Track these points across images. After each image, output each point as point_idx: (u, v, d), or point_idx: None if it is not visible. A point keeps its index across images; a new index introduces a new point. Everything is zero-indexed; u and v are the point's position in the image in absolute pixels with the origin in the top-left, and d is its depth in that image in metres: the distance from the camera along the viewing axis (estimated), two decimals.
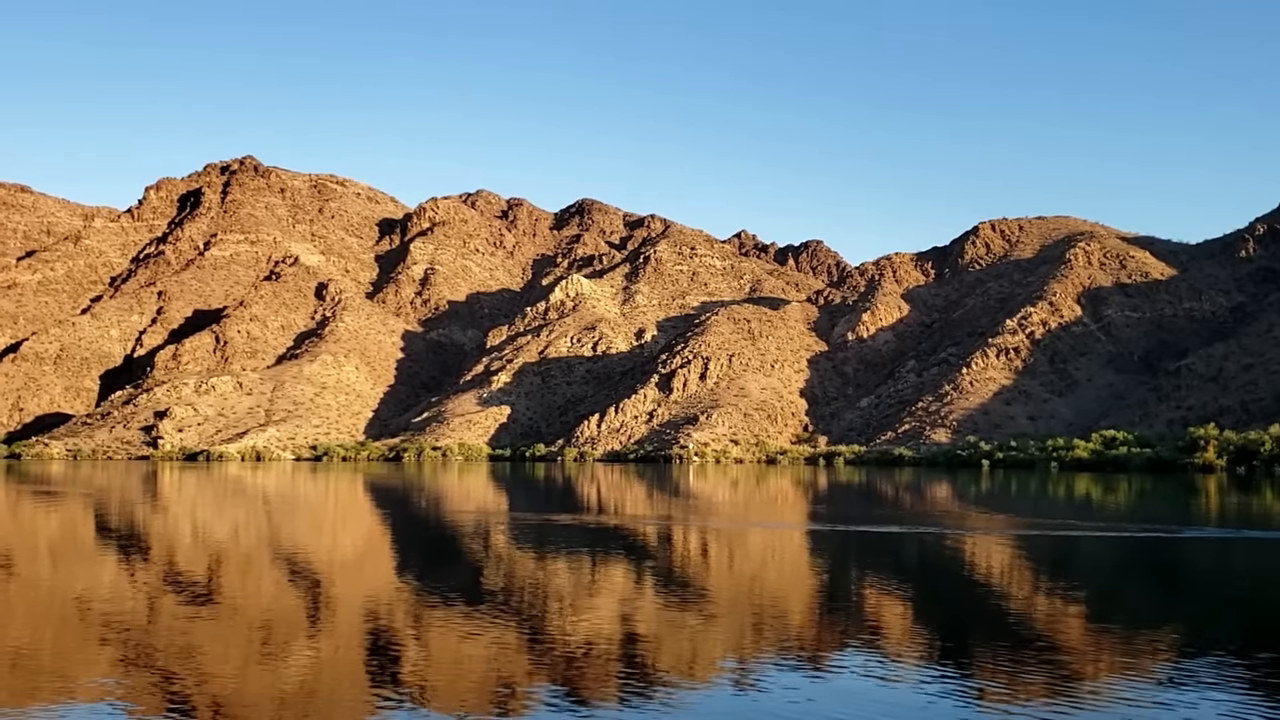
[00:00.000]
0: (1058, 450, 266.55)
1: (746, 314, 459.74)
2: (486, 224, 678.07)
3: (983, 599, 37.94)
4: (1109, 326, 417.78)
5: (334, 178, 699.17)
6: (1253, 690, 23.15)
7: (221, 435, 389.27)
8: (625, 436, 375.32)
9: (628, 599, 36.50)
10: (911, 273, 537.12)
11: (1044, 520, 77.23)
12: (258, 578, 42.32)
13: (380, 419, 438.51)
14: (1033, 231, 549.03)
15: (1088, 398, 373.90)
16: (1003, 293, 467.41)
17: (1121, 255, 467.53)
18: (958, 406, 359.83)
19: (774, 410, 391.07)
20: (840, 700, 22.39)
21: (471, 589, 38.67)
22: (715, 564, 50.33)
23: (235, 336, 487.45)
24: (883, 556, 52.82)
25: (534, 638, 28.73)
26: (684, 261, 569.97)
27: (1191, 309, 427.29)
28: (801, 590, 39.78)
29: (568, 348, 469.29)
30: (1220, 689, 23.14)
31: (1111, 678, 24.41)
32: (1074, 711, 21.38)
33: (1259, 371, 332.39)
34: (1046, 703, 22.00)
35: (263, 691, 22.75)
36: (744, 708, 21.77)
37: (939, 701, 22.31)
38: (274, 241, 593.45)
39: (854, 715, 21.23)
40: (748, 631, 30.21)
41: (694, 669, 25.38)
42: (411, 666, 25.29)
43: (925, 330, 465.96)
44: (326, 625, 31.03)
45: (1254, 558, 53.83)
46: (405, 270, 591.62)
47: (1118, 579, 46.28)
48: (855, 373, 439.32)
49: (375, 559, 53.19)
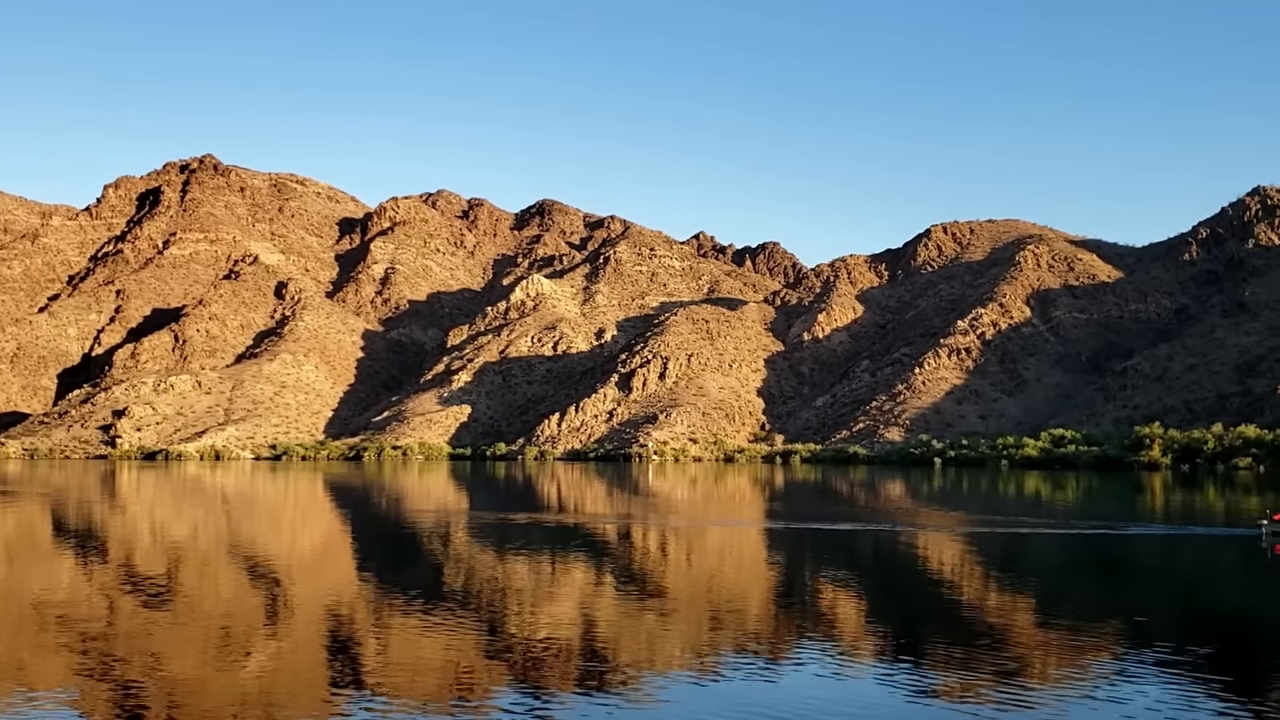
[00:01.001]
0: (1008, 448, 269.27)
1: (705, 314, 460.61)
2: (447, 224, 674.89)
3: (935, 594, 38.27)
4: (1057, 327, 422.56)
5: (294, 177, 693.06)
6: (1194, 682, 23.52)
7: (180, 434, 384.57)
8: (585, 435, 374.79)
9: (587, 596, 36.48)
10: (866, 274, 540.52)
11: (995, 517, 78.02)
12: (216, 577, 41.90)
13: (340, 418, 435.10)
14: (983, 234, 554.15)
15: (1037, 397, 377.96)
16: (954, 294, 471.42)
17: (1069, 258, 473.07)
18: (910, 406, 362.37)
19: (732, 409, 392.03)
20: (797, 694, 22.50)
21: (432, 588, 38.49)
22: (674, 561, 50.41)
23: (194, 335, 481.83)
24: (838, 553, 53.13)
25: (494, 635, 28.65)
26: (643, 262, 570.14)
27: (1137, 311, 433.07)
28: (759, 587, 39.93)
29: (528, 347, 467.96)
30: (1162, 681, 23.49)
31: (1059, 670, 24.72)
32: (1023, 703, 21.63)
33: (1202, 372, 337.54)
34: (997, 694, 22.23)
35: (222, 690, 22.52)
36: (702, 702, 21.83)
37: (893, 694, 22.49)
38: (233, 240, 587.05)
39: (810, 708, 21.35)
40: (705, 627, 30.29)
41: (653, 664, 25.40)
42: (371, 664, 25.13)
43: (879, 331, 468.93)
44: (286, 624, 30.76)
45: (1197, 553, 54.68)
46: (366, 269, 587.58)
47: (1066, 575, 46.84)
48: (811, 372, 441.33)
49: (335, 558, 52.83)
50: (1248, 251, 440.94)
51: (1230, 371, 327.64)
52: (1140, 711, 21.17)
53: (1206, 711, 21.20)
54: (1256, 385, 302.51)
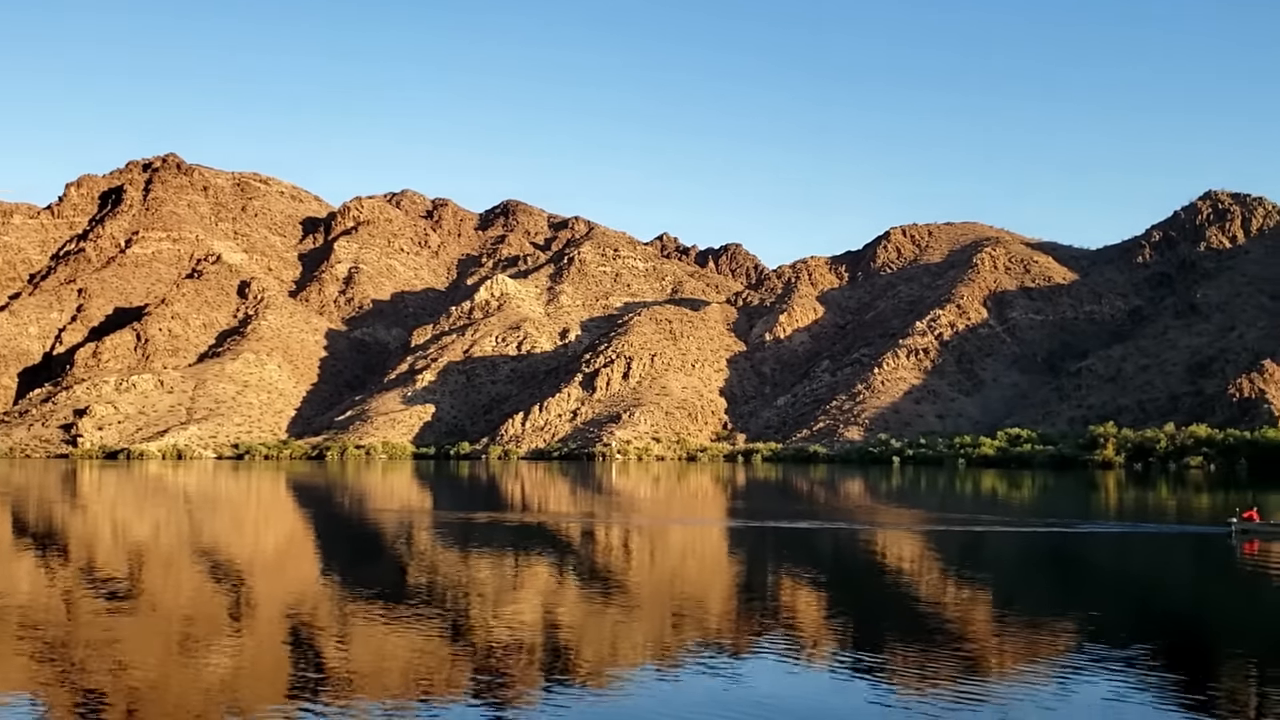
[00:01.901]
0: (965, 447, 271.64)
1: (668, 315, 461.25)
2: (411, 224, 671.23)
3: (894, 591, 38.53)
4: (1013, 328, 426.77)
5: (258, 176, 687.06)
6: (1146, 676, 23.83)
7: (142, 433, 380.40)
8: (549, 435, 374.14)
9: (551, 595, 36.44)
10: (826, 276, 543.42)
11: (952, 515, 78.62)
12: (178, 577, 41.47)
13: (303, 417, 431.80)
14: (941, 237, 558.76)
15: (993, 397, 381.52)
16: (913, 295, 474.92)
17: (1026, 260, 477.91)
18: (870, 405, 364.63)
19: (694, 409, 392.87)
20: (758, 689, 22.58)
21: (395, 586, 38.30)
22: (637, 559, 50.45)
23: (156, 334, 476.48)
24: (798, 551, 53.35)
25: (457, 633, 28.55)
26: (607, 263, 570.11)
27: (1092, 312, 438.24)
28: (720, 584, 40.04)
29: (492, 347, 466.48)
30: (1115, 675, 23.77)
31: (1014, 664, 24.97)
32: (980, 696, 21.82)
33: (1155, 372, 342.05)
34: (954, 688, 22.42)
35: (184, 690, 22.29)
36: (664, 698, 21.86)
37: (853, 688, 22.62)
38: (196, 239, 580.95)
39: (771, 703, 21.43)
40: (668, 625, 30.33)
41: (615, 662, 25.41)
42: (334, 664, 24.97)
43: (839, 331, 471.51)
44: (248, 623, 30.51)
45: (1149, 550, 55.37)
46: (329, 269, 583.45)
47: (1021, 572, 47.31)
48: (772, 372, 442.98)
49: (298, 557, 52.43)
50: (1199, 254, 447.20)
51: (1182, 372, 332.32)
52: (1093, 703, 21.43)
53: (1157, 704, 21.51)
54: (1207, 385, 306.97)
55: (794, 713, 20.94)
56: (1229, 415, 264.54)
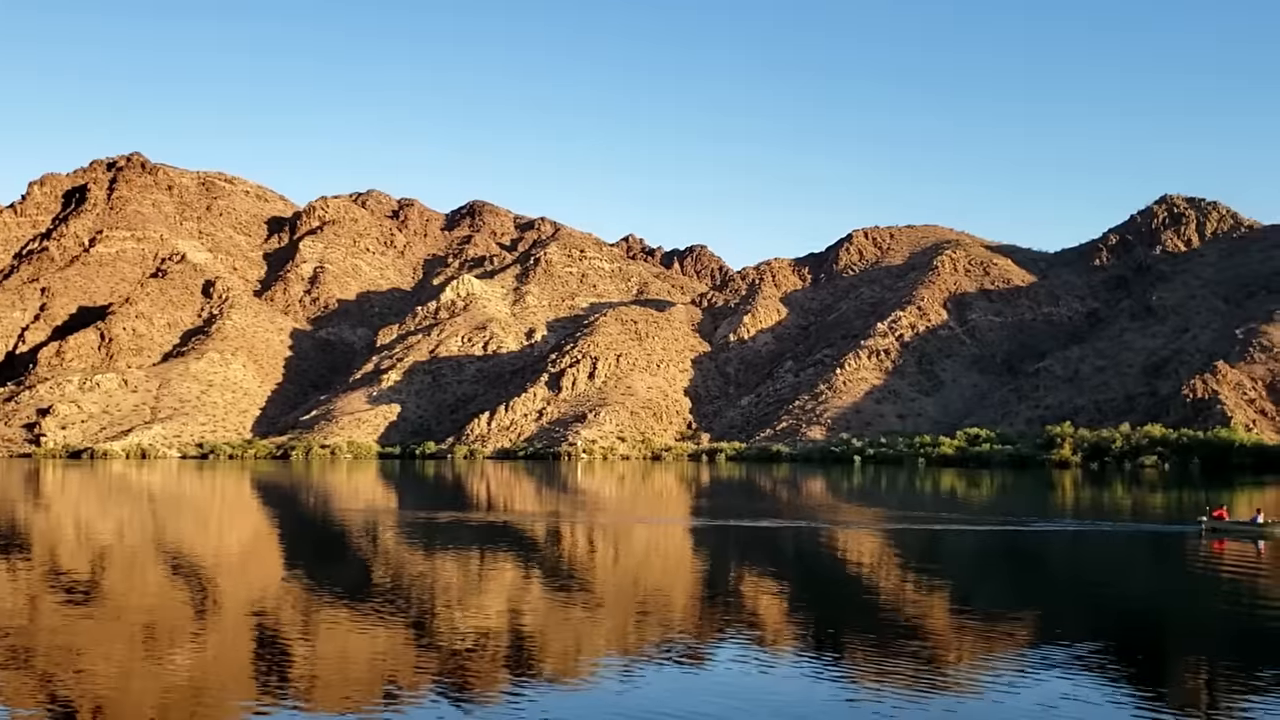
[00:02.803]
0: (925, 447, 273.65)
1: (634, 315, 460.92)
2: (377, 224, 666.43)
3: (855, 589, 38.81)
4: (973, 330, 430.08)
5: (223, 175, 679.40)
6: (1101, 671, 24.17)
7: (106, 433, 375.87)
8: (515, 434, 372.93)
9: (516, 594, 36.42)
10: (790, 277, 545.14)
11: (912, 514, 79.23)
12: (142, 576, 41.09)
13: (268, 417, 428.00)
14: (903, 239, 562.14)
15: (953, 397, 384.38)
16: (874, 297, 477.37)
17: (985, 263, 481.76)
18: (832, 405, 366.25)
19: (659, 408, 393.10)
20: (720, 687, 22.69)
21: (360, 586, 38.15)
22: (601, 558, 50.51)
23: (121, 334, 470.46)
24: (761, 549, 53.59)
25: (422, 633, 28.50)
26: (573, 263, 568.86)
27: (1050, 314, 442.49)
28: (684, 583, 40.17)
29: (458, 347, 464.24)
30: (1070, 670, 24.09)
31: (972, 661, 25.24)
32: (938, 690, 22.05)
33: (1111, 373, 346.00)
34: (913, 685, 22.64)
35: (148, 689, 22.13)
36: (627, 698, 21.92)
37: (815, 683, 22.78)
38: (161, 239, 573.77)
39: (733, 701, 21.55)
40: (632, 623, 30.41)
41: (579, 661, 25.46)
42: (299, 663, 24.86)
43: (802, 332, 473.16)
44: (213, 622, 30.30)
45: (1105, 548, 56.07)
46: (294, 268, 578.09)
47: (980, 569, 47.78)
48: (736, 373, 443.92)
49: (263, 557, 52.07)
50: (1155, 257, 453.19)
51: (1138, 373, 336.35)
52: (1049, 696, 21.71)
53: (1109, 696, 21.83)
54: (1162, 386, 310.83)
55: (756, 707, 21.07)
56: (1183, 416, 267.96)
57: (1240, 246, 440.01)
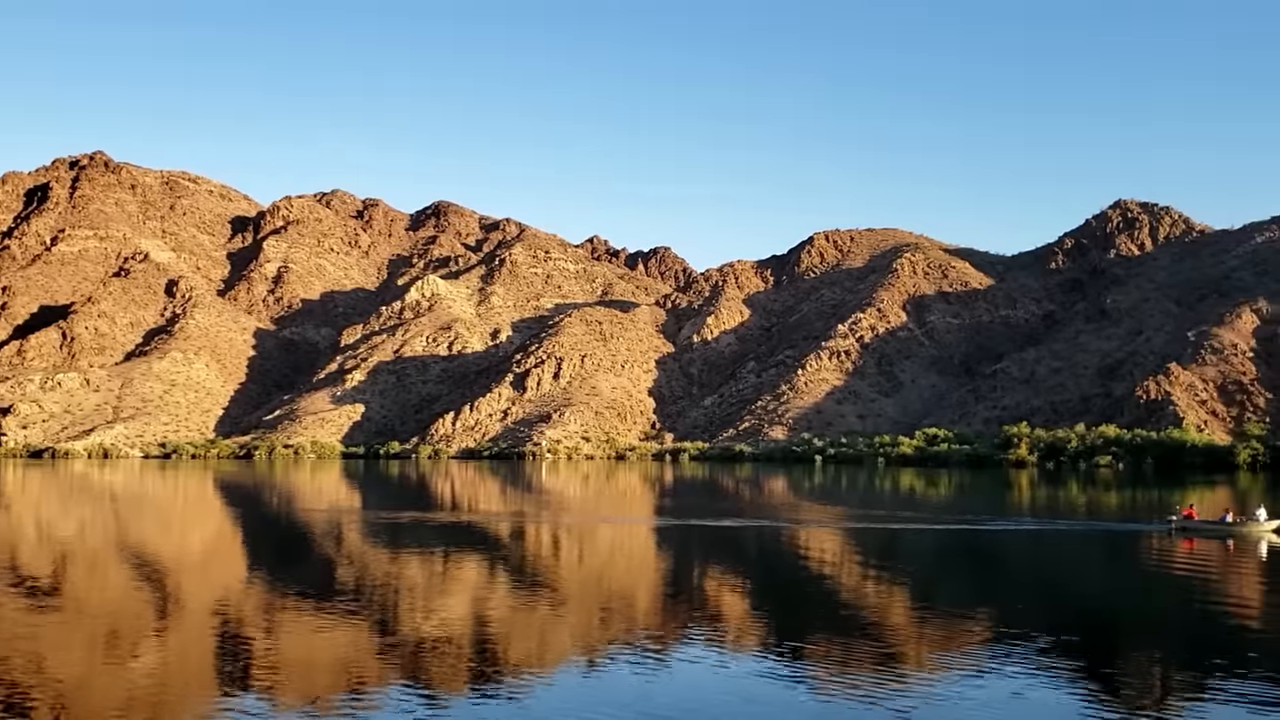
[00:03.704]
0: (884, 447, 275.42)
1: (598, 316, 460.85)
2: (342, 224, 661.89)
3: (817, 588, 38.97)
4: (932, 332, 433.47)
5: (186, 175, 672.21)
6: (1057, 667, 24.41)
7: (68, 432, 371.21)
8: (480, 434, 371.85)
9: (480, 593, 36.29)
10: (752, 279, 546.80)
11: (872, 513, 79.71)
12: (104, 576, 40.58)
13: (231, 416, 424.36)
14: (863, 242, 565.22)
15: (912, 398, 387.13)
16: (835, 299, 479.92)
17: (944, 266, 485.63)
18: (793, 405, 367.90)
19: (624, 408, 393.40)
20: (683, 684, 22.71)
21: (323, 586, 37.86)
22: (566, 558, 50.44)
23: (83, 333, 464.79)
24: (724, 549, 53.69)
25: (386, 632, 28.33)
26: (538, 264, 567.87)
27: (1007, 316, 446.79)
28: (647, 582, 40.19)
29: (423, 347, 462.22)
30: (1028, 666, 24.31)
31: (932, 657, 25.42)
32: (898, 687, 22.19)
33: (1066, 374, 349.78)
34: (874, 680, 22.76)
35: (109, 690, 21.84)
36: (590, 695, 21.90)
37: (777, 681, 22.85)
38: (124, 238, 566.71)
39: (696, 698, 21.58)
40: (595, 622, 30.38)
41: (543, 659, 25.41)
42: (262, 663, 24.64)
43: (764, 334, 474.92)
44: (175, 622, 29.97)
45: (1060, 546, 56.65)
46: (258, 268, 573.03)
47: (938, 567, 48.13)
48: (700, 373, 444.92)
49: (225, 557, 51.58)
50: (1109, 261, 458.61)
51: (1092, 374, 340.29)
52: (1006, 691, 21.89)
53: (1065, 690, 22.06)
54: (1116, 387, 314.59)
55: (719, 704, 21.11)
56: (1137, 416, 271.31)
57: (1192, 250, 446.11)
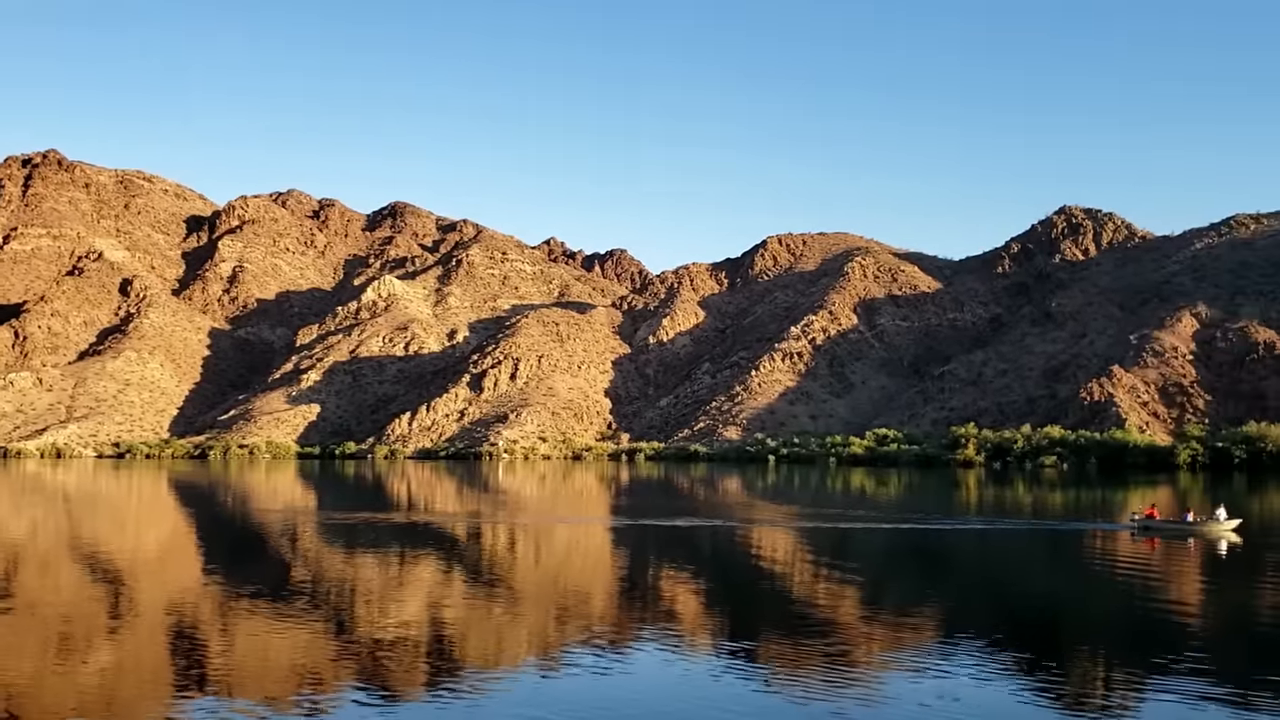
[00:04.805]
0: (836, 447, 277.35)
1: (555, 317, 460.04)
2: (298, 224, 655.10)
3: (769, 586, 39.15)
4: (882, 334, 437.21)
5: (141, 174, 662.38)
6: (1002, 662, 24.71)
7: (20, 432, 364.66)
8: (436, 434, 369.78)
9: (436, 593, 36.10)
10: (707, 282, 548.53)
11: (824, 512, 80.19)
12: (56, 577, 39.89)
13: (186, 416, 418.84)
14: (815, 246, 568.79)
15: (862, 399, 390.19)
16: (788, 302, 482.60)
17: (893, 269, 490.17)
18: (747, 406, 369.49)
19: (580, 409, 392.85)
20: (638, 682, 22.74)
21: (279, 586, 37.47)
22: (522, 558, 50.29)
23: (35, 332, 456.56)
24: (679, 548, 53.77)
25: (342, 633, 28.09)
26: (495, 265, 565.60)
27: (955, 319, 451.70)
28: (603, 581, 40.17)
29: (379, 347, 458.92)
30: (975, 662, 24.58)
31: (882, 653, 25.63)
32: (849, 684, 22.35)
33: (1012, 376, 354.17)
34: (825, 676, 22.91)
35: (61, 692, 21.47)
36: (547, 694, 21.86)
37: (731, 679, 22.92)
38: (77, 236, 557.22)
39: (651, 697, 21.60)
40: (551, 621, 30.33)
41: (500, 659, 25.33)
42: (216, 664, 24.34)
43: (719, 335, 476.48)
44: (129, 624, 29.53)
45: (1006, 545, 57.33)
46: (213, 268, 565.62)
47: (888, 566, 48.52)
48: (656, 374, 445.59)
49: (180, 557, 50.88)
50: (1054, 266, 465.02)
51: (1038, 376, 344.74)
52: (952, 686, 22.11)
53: (1009, 684, 22.33)
54: (1061, 389, 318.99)
55: (674, 702, 21.15)
56: (1081, 417, 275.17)
57: (1134, 256, 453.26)
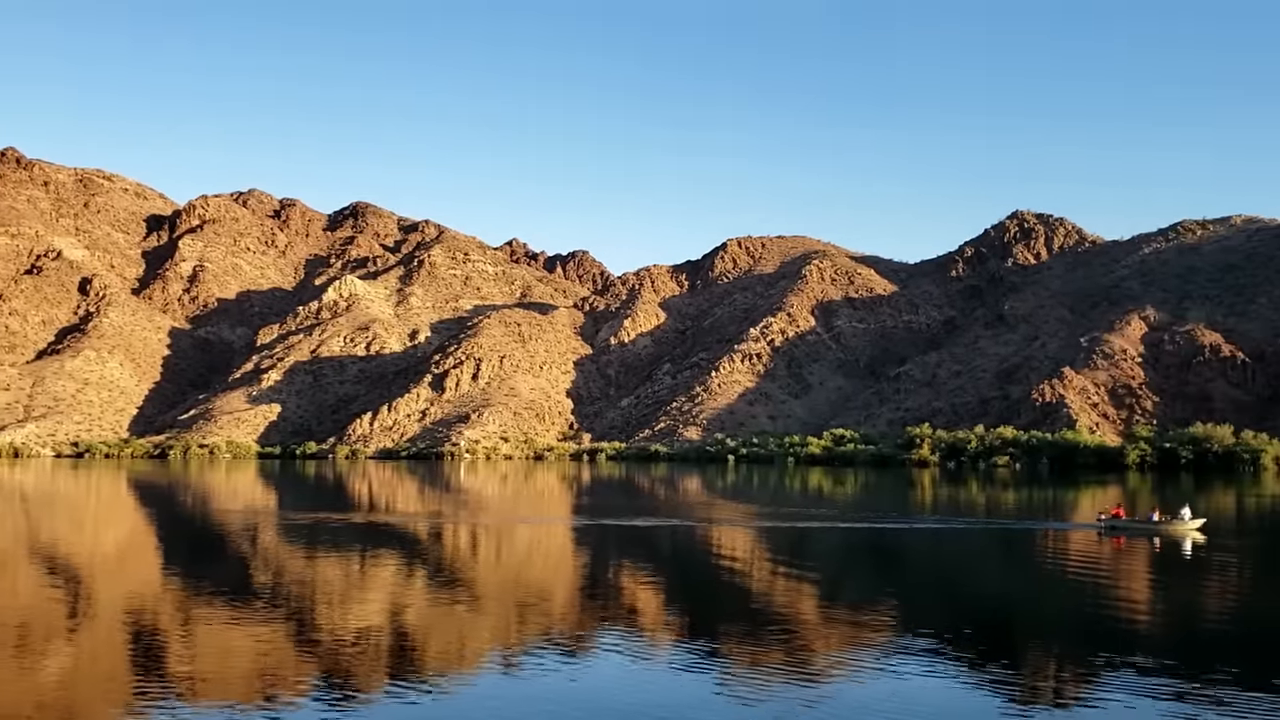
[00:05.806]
0: (794, 447, 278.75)
1: (517, 318, 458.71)
2: (258, 223, 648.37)
3: (728, 584, 39.27)
4: (839, 336, 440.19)
5: (101, 172, 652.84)
6: (956, 658, 24.94)
7: None
8: (398, 434, 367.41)
9: (398, 593, 35.88)
10: (668, 283, 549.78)
11: (782, 511, 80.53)
12: (13, 577, 39.23)
13: (145, 416, 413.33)
14: (774, 249, 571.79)
15: (820, 400, 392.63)
16: (747, 304, 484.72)
17: (850, 272, 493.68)
18: (707, 406, 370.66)
19: (542, 409, 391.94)
20: (599, 680, 22.73)
21: (239, 586, 37.08)
22: (484, 558, 50.11)
23: None
24: (640, 547, 53.78)
25: (303, 632, 27.85)
26: (457, 266, 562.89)
27: (910, 321, 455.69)
28: (564, 580, 40.12)
29: (340, 347, 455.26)
30: (928, 658, 24.79)
31: (839, 651, 25.78)
32: (805, 679, 22.46)
33: (966, 378, 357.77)
34: (784, 673, 23.01)
35: (18, 694, 21.12)
36: (509, 692, 21.80)
37: (689, 675, 22.96)
38: (36, 235, 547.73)
39: (612, 694, 21.60)
40: (513, 620, 30.24)
41: (462, 657, 25.23)
42: (176, 664, 24.05)
43: (680, 336, 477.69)
44: (87, 624, 29.10)
45: (960, 543, 57.85)
46: (173, 267, 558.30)
47: (845, 564, 48.82)
48: (617, 375, 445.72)
49: (139, 557, 50.20)
50: (1007, 269, 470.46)
51: (991, 378, 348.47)
52: (906, 682, 22.30)
53: (963, 680, 22.55)
54: (1013, 390, 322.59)
55: (634, 701, 21.16)
56: (1033, 418, 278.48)
57: (1084, 260, 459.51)
